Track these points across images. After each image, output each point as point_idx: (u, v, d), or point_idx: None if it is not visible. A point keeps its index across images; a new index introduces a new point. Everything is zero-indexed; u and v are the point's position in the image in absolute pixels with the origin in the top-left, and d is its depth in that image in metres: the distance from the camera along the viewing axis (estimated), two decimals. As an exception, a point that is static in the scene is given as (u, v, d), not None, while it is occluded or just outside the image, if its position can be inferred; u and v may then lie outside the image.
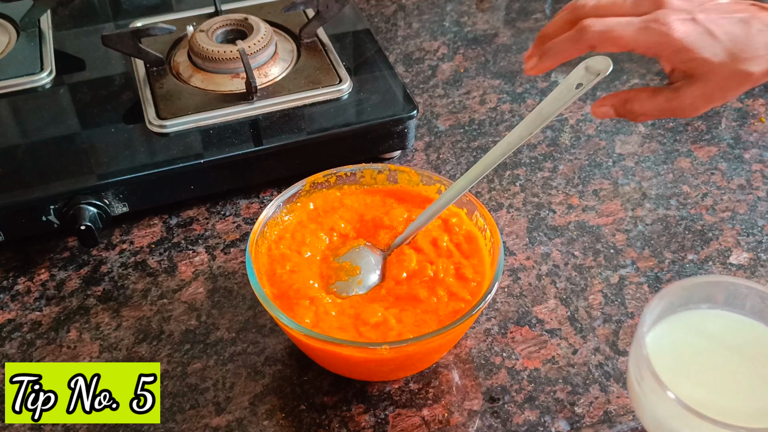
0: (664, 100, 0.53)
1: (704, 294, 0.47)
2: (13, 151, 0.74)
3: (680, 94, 0.53)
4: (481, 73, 0.93)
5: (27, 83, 0.80)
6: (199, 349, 0.65)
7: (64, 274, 0.71)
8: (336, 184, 0.68)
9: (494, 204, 0.77)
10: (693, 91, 0.52)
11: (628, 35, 0.52)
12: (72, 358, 0.64)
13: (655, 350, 0.44)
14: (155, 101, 0.77)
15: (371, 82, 0.81)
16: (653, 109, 0.54)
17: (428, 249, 0.63)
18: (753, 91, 0.90)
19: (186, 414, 0.60)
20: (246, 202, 0.77)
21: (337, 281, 0.62)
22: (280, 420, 0.60)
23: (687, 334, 0.46)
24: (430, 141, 0.84)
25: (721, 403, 0.42)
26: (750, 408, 0.42)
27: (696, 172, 0.80)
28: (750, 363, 0.45)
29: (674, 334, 0.46)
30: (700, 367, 0.45)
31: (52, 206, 0.69)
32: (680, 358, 0.45)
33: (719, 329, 0.46)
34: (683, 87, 0.53)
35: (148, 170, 0.71)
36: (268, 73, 0.80)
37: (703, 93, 0.52)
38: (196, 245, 0.73)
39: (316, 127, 0.76)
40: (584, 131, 0.85)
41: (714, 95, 0.53)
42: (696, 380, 0.44)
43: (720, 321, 0.47)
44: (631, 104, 0.55)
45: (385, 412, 0.60)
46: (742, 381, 0.44)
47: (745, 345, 0.46)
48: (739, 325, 0.46)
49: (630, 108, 0.55)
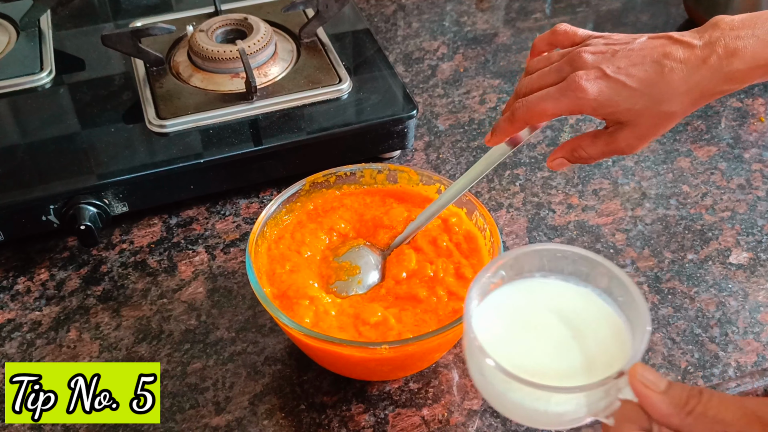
0: (604, 144, 0.57)
1: (535, 263, 0.49)
2: (13, 151, 0.74)
3: (615, 138, 0.56)
4: (481, 72, 0.93)
5: (27, 83, 0.80)
6: (198, 348, 0.65)
7: (64, 274, 0.71)
8: (336, 184, 0.68)
9: (494, 204, 0.77)
10: (626, 135, 0.55)
11: (550, 107, 0.54)
12: (72, 357, 0.64)
13: (485, 319, 0.46)
14: (155, 101, 0.77)
15: (371, 82, 0.81)
16: (597, 153, 0.57)
17: (428, 249, 0.63)
18: (753, 91, 0.90)
19: (186, 414, 0.60)
20: (246, 201, 0.77)
21: (337, 281, 0.62)
22: (280, 420, 0.60)
23: (515, 301, 0.48)
24: (430, 141, 0.84)
25: (541, 365, 0.44)
26: (567, 367, 0.44)
27: (696, 171, 0.80)
28: (570, 324, 0.46)
29: (503, 302, 0.48)
30: (524, 332, 0.46)
31: (52, 206, 0.69)
32: (505, 325, 0.47)
33: (545, 295, 0.49)
34: (616, 132, 0.56)
35: (147, 170, 0.71)
36: (267, 73, 0.80)
37: (635, 135, 0.55)
38: (196, 245, 0.73)
39: (315, 127, 0.76)
40: (584, 131, 0.85)
41: (646, 134, 0.55)
42: (519, 345, 0.45)
43: (546, 287, 0.49)
44: (578, 152, 0.58)
45: (385, 411, 0.60)
46: (562, 342, 0.45)
47: (567, 308, 0.48)
48: (563, 290, 0.49)
49: (578, 155, 0.58)
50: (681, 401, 0.40)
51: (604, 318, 0.47)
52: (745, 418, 0.39)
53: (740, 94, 0.90)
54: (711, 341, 0.65)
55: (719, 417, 0.39)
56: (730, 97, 0.89)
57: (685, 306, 0.68)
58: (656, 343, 0.65)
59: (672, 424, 0.40)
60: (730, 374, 0.63)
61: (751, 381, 0.62)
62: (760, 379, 0.63)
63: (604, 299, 0.48)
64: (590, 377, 0.42)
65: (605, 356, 0.44)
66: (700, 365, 0.63)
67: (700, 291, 0.69)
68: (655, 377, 0.41)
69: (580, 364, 0.44)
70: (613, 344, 0.45)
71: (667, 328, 0.66)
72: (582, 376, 0.43)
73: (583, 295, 0.48)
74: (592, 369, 0.43)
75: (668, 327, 0.66)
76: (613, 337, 0.46)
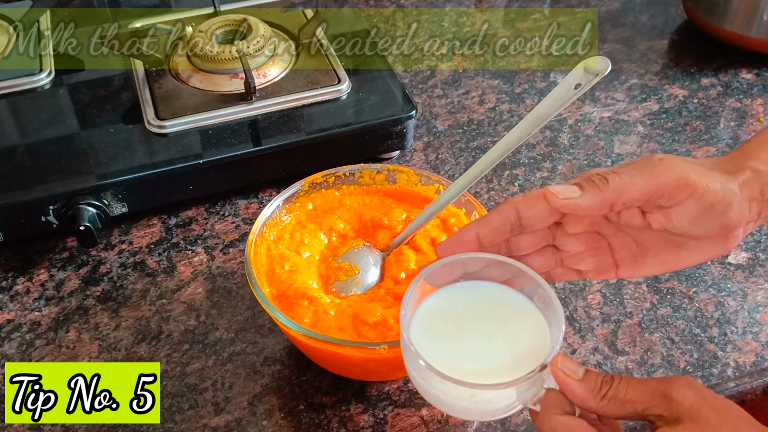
0: None
1: (458, 270, 0.52)
2: (13, 152, 0.74)
3: None
4: (480, 73, 0.93)
5: (26, 84, 0.80)
6: (198, 349, 0.65)
7: (64, 275, 0.71)
8: (335, 185, 0.68)
9: (493, 204, 0.77)
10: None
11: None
12: (71, 358, 0.64)
13: (419, 325, 0.50)
14: (154, 102, 0.77)
15: (370, 83, 0.81)
16: None
17: (427, 249, 0.63)
18: (752, 91, 0.90)
19: (185, 414, 0.60)
20: (245, 202, 0.77)
21: (336, 281, 0.62)
22: (279, 420, 0.60)
23: (444, 306, 0.51)
24: (429, 141, 0.84)
25: (473, 364, 0.48)
26: (495, 363, 0.48)
27: (694, 172, 0.80)
28: (495, 325, 0.50)
29: (433, 308, 0.51)
30: (454, 335, 0.50)
31: (52, 206, 0.69)
32: (437, 329, 0.50)
33: (471, 299, 0.52)
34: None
35: (147, 170, 0.71)
36: (267, 74, 0.80)
37: None
38: (195, 245, 0.73)
39: (315, 128, 0.76)
40: (583, 131, 0.85)
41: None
42: (451, 347, 0.49)
43: (471, 292, 0.52)
44: None
45: (384, 411, 0.61)
46: (489, 341, 0.49)
47: (492, 310, 0.51)
48: (487, 293, 0.52)
49: None
50: (596, 386, 0.45)
51: (524, 317, 0.51)
52: (649, 395, 0.44)
53: (739, 94, 0.90)
54: (710, 341, 0.65)
55: (628, 397, 0.44)
56: (729, 98, 0.89)
57: (684, 306, 0.68)
58: (655, 343, 0.65)
59: (589, 406, 0.45)
60: (729, 374, 0.63)
61: (750, 381, 0.62)
62: (759, 378, 0.63)
63: (522, 299, 0.51)
64: (517, 371, 0.46)
65: (528, 351, 0.48)
66: (699, 365, 0.63)
67: (698, 291, 0.69)
68: (574, 365, 0.45)
69: (507, 360, 0.48)
70: (535, 340, 0.49)
71: (666, 328, 0.66)
72: (509, 371, 0.47)
73: (504, 297, 0.52)
74: (517, 364, 0.47)
75: (667, 327, 0.66)
76: (534, 333, 0.49)
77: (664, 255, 0.51)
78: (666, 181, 0.47)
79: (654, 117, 0.87)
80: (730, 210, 0.48)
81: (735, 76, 0.92)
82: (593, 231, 0.52)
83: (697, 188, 0.47)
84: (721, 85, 0.91)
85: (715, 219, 0.48)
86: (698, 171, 0.47)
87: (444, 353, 0.48)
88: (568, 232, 0.52)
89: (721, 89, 0.91)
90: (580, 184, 0.48)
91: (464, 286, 0.52)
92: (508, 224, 0.50)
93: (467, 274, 0.52)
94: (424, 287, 0.51)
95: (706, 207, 0.47)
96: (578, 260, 0.53)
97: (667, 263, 0.51)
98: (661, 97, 0.90)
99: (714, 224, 0.48)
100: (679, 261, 0.51)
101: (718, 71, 0.93)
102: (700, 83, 0.92)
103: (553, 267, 0.54)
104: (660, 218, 0.48)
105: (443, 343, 0.49)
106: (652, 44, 0.97)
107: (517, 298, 0.51)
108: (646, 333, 0.66)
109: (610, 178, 0.47)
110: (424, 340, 0.49)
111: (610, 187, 0.47)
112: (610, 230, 0.52)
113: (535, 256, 0.53)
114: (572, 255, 0.53)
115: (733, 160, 0.51)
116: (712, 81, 0.92)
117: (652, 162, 0.48)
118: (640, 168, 0.47)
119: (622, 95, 0.90)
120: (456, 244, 0.51)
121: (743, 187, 0.49)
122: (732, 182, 0.48)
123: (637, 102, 0.89)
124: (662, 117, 0.87)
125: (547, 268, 0.53)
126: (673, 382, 0.44)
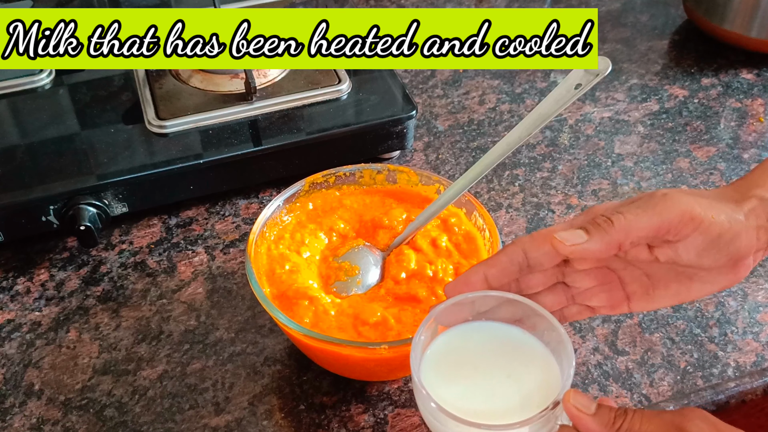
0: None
1: (467, 310, 0.52)
2: (13, 152, 0.74)
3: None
4: (480, 73, 0.93)
5: (27, 84, 0.80)
6: (198, 349, 0.65)
7: (64, 275, 0.71)
8: (335, 185, 0.68)
9: (493, 204, 0.77)
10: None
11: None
12: (71, 358, 0.64)
13: (429, 366, 0.50)
14: (155, 102, 0.77)
15: (370, 83, 0.81)
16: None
17: (427, 249, 0.63)
18: (752, 91, 0.90)
19: (185, 414, 0.60)
20: (245, 202, 0.77)
21: (336, 281, 0.62)
22: (280, 420, 0.60)
23: (454, 346, 0.51)
24: (429, 141, 0.84)
25: (484, 403, 0.48)
26: (505, 404, 0.48)
27: (695, 172, 0.80)
28: (505, 364, 0.50)
29: (443, 349, 0.51)
30: (465, 375, 0.50)
31: (52, 206, 0.69)
32: (447, 370, 0.50)
33: (480, 338, 0.52)
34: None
35: (147, 170, 0.71)
36: (267, 74, 0.80)
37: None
38: (196, 245, 0.73)
39: (315, 128, 0.76)
40: (583, 131, 0.85)
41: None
42: (462, 388, 0.49)
43: (481, 331, 0.52)
44: None
45: (385, 412, 0.61)
46: (500, 381, 0.49)
47: (501, 349, 0.51)
48: (496, 332, 0.52)
49: None
50: (609, 421, 0.45)
51: (534, 355, 0.50)
52: (663, 428, 0.43)
53: (739, 95, 0.90)
54: (710, 341, 0.65)
55: (642, 431, 0.44)
56: (729, 98, 0.89)
57: (684, 306, 0.68)
58: (655, 343, 0.65)
59: None
60: (729, 374, 0.63)
61: (750, 381, 0.62)
62: (760, 379, 0.63)
63: (531, 339, 0.51)
64: (528, 411, 0.46)
65: (539, 390, 0.48)
66: (699, 365, 0.63)
67: (699, 291, 0.69)
68: (586, 401, 0.45)
69: (518, 399, 0.48)
70: (545, 378, 0.49)
71: (666, 328, 0.66)
72: (520, 410, 0.47)
73: (513, 336, 0.51)
74: (529, 403, 0.47)
75: (667, 327, 0.66)
76: (544, 371, 0.49)
77: (675, 287, 0.51)
78: (670, 217, 0.46)
79: (654, 117, 0.87)
80: (737, 240, 0.47)
81: (735, 76, 0.93)
82: (603, 266, 0.52)
83: (702, 221, 0.46)
84: (722, 85, 0.91)
85: (722, 250, 0.47)
86: (703, 203, 0.47)
87: (455, 394, 0.48)
88: (577, 269, 0.52)
89: (722, 89, 0.91)
90: (585, 228, 0.47)
91: (474, 326, 0.52)
92: (515, 264, 0.50)
93: (477, 313, 0.52)
94: (434, 327, 0.51)
95: (713, 238, 0.47)
96: (590, 296, 0.53)
97: (679, 295, 0.51)
98: (662, 97, 0.90)
99: (722, 255, 0.48)
100: (690, 292, 0.51)
101: (718, 71, 0.93)
102: (701, 83, 0.92)
103: (565, 304, 0.53)
104: (668, 252, 0.48)
105: (454, 384, 0.49)
106: (652, 44, 0.97)
107: (526, 338, 0.51)
108: (646, 333, 0.66)
109: (615, 219, 0.47)
110: (435, 381, 0.49)
111: (616, 228, 0.46)
112: (620, 264, 0.51)
113: (546, 294, 0.52)
114: (583, 291, 0.53)
115: (738, 188, 0.50)
116: (712, 81, 0.92)
117: (655, 198, 0.47)
118: (644, 206, 0.47)
119: (623, 95, 0.90)
120: (464, 285, 0.51)
121: (750, 215, 0.48)
122: (738, 211, 0.48)
123: (637, 102, 0.89)
124: (662, 117, 0.87)
125: (559, 305, 0.53)
126: (688, 414, 0.44)
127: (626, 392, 0.61)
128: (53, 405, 0.61)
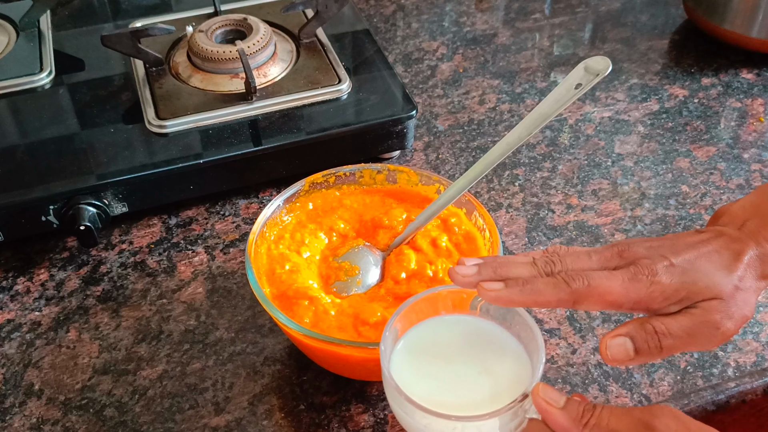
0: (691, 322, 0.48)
1: (441, 303, 0.53)
2: (13, 151, 0.74)
3: (707, 311, 0.48)
4: (480, 73, 0.93)
5: (26, 83, 0.80)
6: (198, 349, 0.65)
7: (64, 274, 0.71)
8: (335, 184, 0.68)
9: (493, 204, 0.77)
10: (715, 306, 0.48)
11: (616, 289, 0.47)
12: (71, 358, 0.64)
13: (399, 359, 0.50)
14: (154, 101, 0.77)
15: (370, 82, 0.81)
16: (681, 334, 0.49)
17: (427, 249, 0.63)
18: (752, 91, 0.90)
19: (185, 414, 0.60)
20: (245, 202, 0.77)
21: (337, 281, 0.62)
22: (279, 420, 0.60)
23: (425, 339, 0.52)
24: (430, 141, 0.84)
25: (455, 396, 0.48)
26: (476, 395, 0.48)
27: (695, 171, 0.80)
28: (476, 355, 0.51)
29: (414, 342, 0.52)
30: (436, 367, 0.50)
31: (52, 206, 0.69)
32: (418, 363, 0.50)
33: (451, 331, 0.52)
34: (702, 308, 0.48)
35: (147, 170, 0.71)
36: (267, 74, 0.80)
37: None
38: (196, 245, 0.73)
39: (315, 127, 0.76)
40: (583, 131, 0.85)
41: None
42: (433, 380, 0.49)
43: (451, 324, 0.53)
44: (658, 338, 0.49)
45: (384, 411, 0.61)
46: (470, 373, 0.50)
47: (472, 341, 0.52)
48: (467, 325, 0.53)
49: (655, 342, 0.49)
50: (578, 415, 0.45)
51: (505, 348, 0.51)
52: (632, 425, 0.43)
53: (740, 94, 0.90)
54: (710, 341, 0.65)
55: (611, 427, 0.44)
56: (729, 97, 0.89)
57: (684, 306, 0.68)
58: (655, 343, 0.65)
59: None
60: (729, 374, 0.63)
61: (751, 381, 0.62)
62: (760, 378, 0.63)
63: (502, 331, 0.52)
64: (498, 403, 0.46)
65: (510, 383, 0.49)
66: (699, 365, 0.63)
67: (699, 291, 0.69)
68: (555, 394, 0.46)
69: (488, 392, 0.48)
70: (516, 372, 0.49)
71: (666, 328, 0.66)
72: (490, 402, 0.47)
73: (484, 329, 0.52)
74: (499, 395, 0.48)
75: (667, 327, 0.66)
76: (515, 365, 0.50)
77: None
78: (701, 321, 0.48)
79: (654, 117, 0.87)
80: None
81: (735, 76, 0.92)
82: None
83: (729, 330, 0.48)
84: (722, 85, 0.91)
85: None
86: (730, 313, 0.48)
87: (425, 386, 0.48)
88: None
89: (722, 89, 0.91)
90: (636, 346, 0.48)
91: (446, 320, 0.53)
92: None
93: (446, 306, 0.53)
94: (403, 321, 0.52)
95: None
96: None
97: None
98: (662, 97, 0.90)
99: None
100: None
101: (718, 71, 0.93)
102: (701, 83, 0.92)
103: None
104: None
105: (424, 377, 0.49)
106: (652, 44, 0.97)
107: (498, 332, 0.52)
108: (646, 333, 0.66)
109: (664, 342, 0.47)
110: (405, 373, 0.49)
111: (664, 348, 0.48)
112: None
113: None
114: None
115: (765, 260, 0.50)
116: (712, 81, 0.92)
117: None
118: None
119: (623, 95, 0.90)
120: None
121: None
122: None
123: (637, 102, 0.89)
124: (663, 117, 0.87)
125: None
126: (657, 411, 0.44)
127: (626, 392, 0.61)
128: (53, 405, 0.61)
